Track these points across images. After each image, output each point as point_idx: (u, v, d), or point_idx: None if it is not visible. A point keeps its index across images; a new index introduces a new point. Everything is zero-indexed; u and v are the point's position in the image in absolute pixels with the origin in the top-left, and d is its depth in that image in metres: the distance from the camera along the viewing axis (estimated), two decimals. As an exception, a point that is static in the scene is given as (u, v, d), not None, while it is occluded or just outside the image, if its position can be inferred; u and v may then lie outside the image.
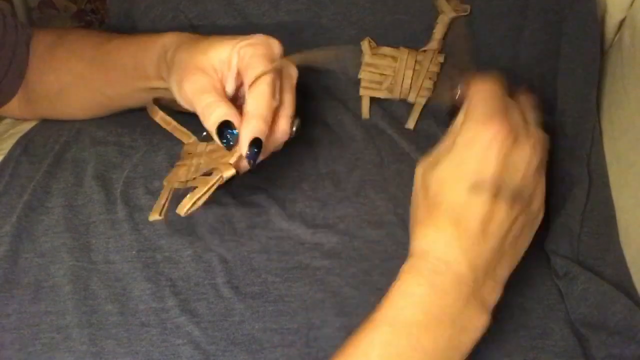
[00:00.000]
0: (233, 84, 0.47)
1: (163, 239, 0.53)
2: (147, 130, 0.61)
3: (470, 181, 0.39)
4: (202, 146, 0.50)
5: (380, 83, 0.63)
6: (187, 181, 0.47)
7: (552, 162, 0.58)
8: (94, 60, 0.58)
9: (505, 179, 0.39)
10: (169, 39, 0.51)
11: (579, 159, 0.57)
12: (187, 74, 0.46)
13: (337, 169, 0.58)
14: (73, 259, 0.52)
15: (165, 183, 0.50)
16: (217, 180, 0.45)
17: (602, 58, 0.61)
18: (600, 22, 0.63)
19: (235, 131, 0.44)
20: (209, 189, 0.44)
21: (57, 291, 0.50)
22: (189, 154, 0.51)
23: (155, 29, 0.66)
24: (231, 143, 0.44)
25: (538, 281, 0.53)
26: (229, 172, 0.45)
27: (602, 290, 0.51)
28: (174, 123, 0.54)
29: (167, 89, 0.51)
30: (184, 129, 0.53)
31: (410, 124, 0.63)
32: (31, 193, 0.56)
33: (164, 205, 0.48)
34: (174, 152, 0.58)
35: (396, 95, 0.63)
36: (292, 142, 0.60)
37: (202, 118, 0.45)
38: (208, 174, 0.46)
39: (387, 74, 0.63)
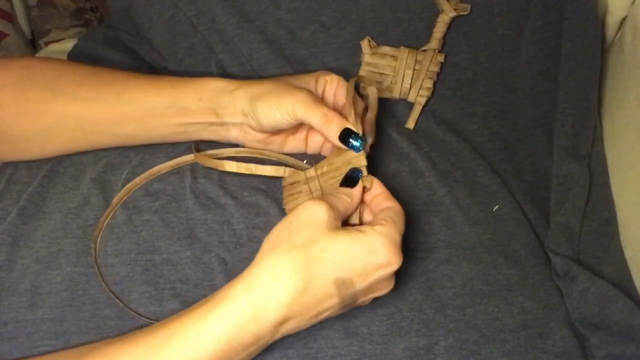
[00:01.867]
0: None
1: (162, 240, 0.52)
2: None
3: (345, 275, 0.43)
4: (310, 171, 0.53)
5: (380, 83, 0.63)
6: None
7: (553, 160, 0.58)
8: (95, 100, 0.54)
9: (359, 294, 0.44)
10: (218, 81, 0.55)
11: (579, 158, 0.57)
12: (293, 92, 0.51)
13: None
14: (71, 264, 0.51)
15: (288, 212, 0.52)
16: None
17: (602, 57, 0.61)
18: (601, 21, 0.63)
19: (358, 138, 0.50)
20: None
21: (54, 297, 0.50)
22: (295, 183, 0.54)
23: (154, 27, 0.66)
24: (358, 147, 0.50)
25: (538, 281, 0.53)
26: (370, 182, 0.49)
27: (602, 290, 0.51)
28: (255, 165, 0.56)
29: (216, 124, 0.55)
30: (270, 166, 0.56)
31: (410, 124, 0.63)
32: (27, 199, 0.55)
33: None
34: (173, 154, 0.58)
35: (396, 94, 0.63)
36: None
37: (319, 123, 0.50)
38: None
39: (387, 73, 0.63)
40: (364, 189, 0.49)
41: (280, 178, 0.56)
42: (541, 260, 0.54)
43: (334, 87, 0.55)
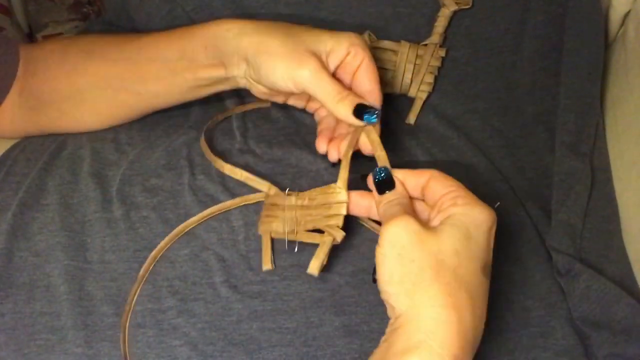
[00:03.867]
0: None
1: (160, 238, 0.52)
2: (144, 127, 0.61)
3: (482, 261, 0.40)
4: (292, 199, 0.50)
5: (380, 77, 0.63)
6: (286, 233, 0.50)
7: (554, 157, 0.58)
8: (120, 58, 0.56)
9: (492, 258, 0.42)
10: (219, 26, 0.52)
11: (581, 155, 0.57)
12: (302, 59, 0.48)
13: (336, 164, 0.57)
14: (68, 258, 0.51)
15: (260, 233, 0.51)
16: (331, 243, 0.47)
17: (605, 52, 0.61)
18: (604, 16, 0.62)
19: (373, 110, 0.49)
20: (327, 250, 0.47)
21: (52, 291, 0.50)
22: (274, 205, 0.51)
23: (152, 22, 0.65)
24: (373, 120, 0.49)
25: (539, 279, 0.53)
26: (340, 236, 0.47)
27: (604, 289, 0.50)
28: (246, 173, 0.55)
29: (225, 78, 0.53)
30: (259, 179, 0.54)
31: (411, 119, 0.62)
32: (26, 190, 0.55)
33: (271, 255, 0.51)
34: (171, 148, 0.58)
35: (397, 89, 0.62)
36: (289, 138, 0.59)
37: (330, 102, 0.48)
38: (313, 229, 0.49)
39: (387, 68, 0.62)
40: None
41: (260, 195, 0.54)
42: (543, 258, 0.54)
43: (357, 62, 0.50)
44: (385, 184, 0.45)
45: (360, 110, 0.48)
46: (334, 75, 0.50)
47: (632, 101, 0.56)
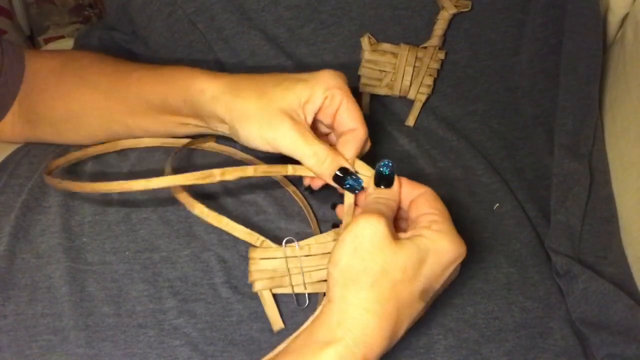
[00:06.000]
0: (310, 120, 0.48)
1: (160, 239, 0.52)
2: None
3: (424, 285, 0.41)
4: (291, 250, 0.48)
5: (380, 80, 0.63)
6: (292, 287, 0.48)
7: (553, 159, 0.58)
8: (111, 91, 0.55)
9: (438, 291, 0.43)
10: (194, 85, 0.50)
11: (580, 157, 0.57)
12: (273, 122, 0.46)
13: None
14: (69, 259, 0.51)
15: (256, 290, 0.48)
16: None
17: (604, 54, 0.61)
18: (603, 18, 0.62)
19: (357, 178, 0.47)
20: None
21: (53, 292, 0.50)
22: (265, 259, 0.48)
23: (152, 25, 0.65)
24: (356, 188, 0.47)
25: (538, 280, 0.53)
26: None
27: (603, 290, 0.50)
28: (230, 221, 0.48)
29: (200, 127, 0.52)
30: (245, 228, 0.48)
31: (410, 121, 0.62)
32: (29, 192, 0.55)
33: (278, 311, 0.49)
34: (171, 150, 0.58)
35: (396, 92, 0.63)
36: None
37: (312, 166, 0.46)
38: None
39: (387, 70, 0.63)
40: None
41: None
42: (541, 259, 0.54)
43: (335, 105, 0.47)
44: (385, 179, 0.45)
45: (342, 176, 0.46)
46: (314, 122, 0.48)
47: (631, 103, 0.56)
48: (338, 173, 0.46)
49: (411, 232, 0.42)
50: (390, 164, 0.45)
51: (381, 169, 0.45)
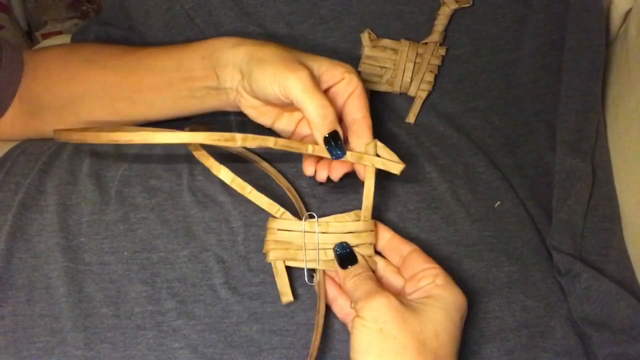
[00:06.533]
0: None
1: (159, 239, 0.52)
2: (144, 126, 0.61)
3: (458, 343, 0.43)
4: (308, 226, 0.48)
5: (380, 76, 0.62)
6: (305, 262, 0.48)
7: (555, 156, 0.57)
8: (120, 67, 0.58)
9: None
10: (219, 38, 0.54)
11: (582, 154, 0.56)
12: (293, 67, 0.47)
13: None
14: (67, 259, 0.51)
15: (270, 261, 0.49)
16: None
17: (607, 50, 0.60)
18: (605, 13, 0.62)
19: (342, 148, 0.48)
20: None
21: (51, 293, 0.49)
22: (282, 230, 0.49)
23: (150, 20, 0.65)
24: (340, 155, 0.48)
25: (540, 278, 0.53)
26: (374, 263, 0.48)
27: (605, 288, 0.50)
28: (253, 190, 0.48)
29: (217, 89, 0.54)
30: (267, 199, 0.48)
31: (411, 118, 0.62)
32: (25, 191, 0.55)
33: (290, 285, 0.49)
34: (171, 149, 0.58)
35: (396, 88, 0.62)
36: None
37: (314, 116, 0.47)
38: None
39: (387, 66, 0.62)
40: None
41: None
42: (543, 258, 0.54)
43: (350, 88, 0.49)
44: (347, 259, 0.47)
45: (332, 139, 0.47)
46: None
47: (634, 99, 0.56)
48: (329, 136, 0.47)
49: (419, 293, 0.43)
50: (344, 244, 0.47)
51: (337, 250, 0.47)
